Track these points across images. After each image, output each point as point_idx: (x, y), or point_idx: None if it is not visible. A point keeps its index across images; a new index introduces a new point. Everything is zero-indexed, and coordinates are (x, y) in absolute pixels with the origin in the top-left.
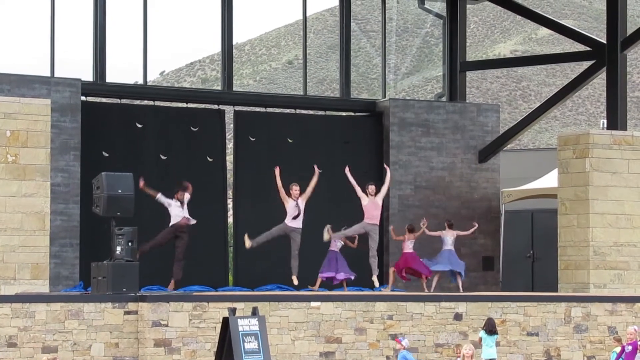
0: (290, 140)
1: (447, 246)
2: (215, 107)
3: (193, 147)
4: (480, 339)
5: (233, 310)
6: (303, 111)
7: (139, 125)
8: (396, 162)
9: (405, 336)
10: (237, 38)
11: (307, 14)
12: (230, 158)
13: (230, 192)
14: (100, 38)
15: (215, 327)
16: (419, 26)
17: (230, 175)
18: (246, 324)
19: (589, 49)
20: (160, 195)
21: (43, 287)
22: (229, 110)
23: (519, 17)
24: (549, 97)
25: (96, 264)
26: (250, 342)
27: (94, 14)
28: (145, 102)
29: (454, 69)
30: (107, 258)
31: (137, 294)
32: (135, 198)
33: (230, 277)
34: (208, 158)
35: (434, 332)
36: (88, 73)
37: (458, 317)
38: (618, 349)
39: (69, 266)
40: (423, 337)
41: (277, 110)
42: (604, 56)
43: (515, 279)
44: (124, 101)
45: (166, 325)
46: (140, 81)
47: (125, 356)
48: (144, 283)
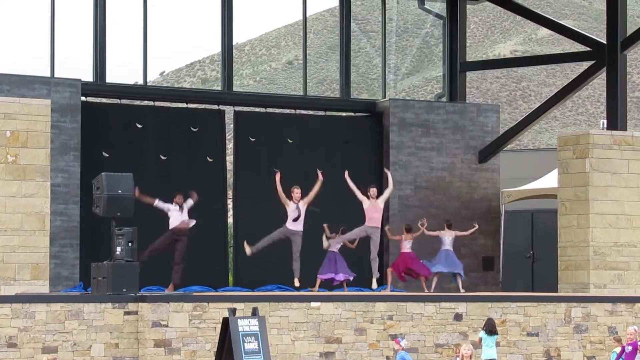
0: (290, 141)
1: (446, 246)
2: (215, 107)
3: (193, 147)
4: (480, 339)
5: (233, 311)
6: (303, 111)
7: (139, 126)
8: (396, 162)
9: (403, 337)
10: (237, 38)
11: (307, 15)
12: (230, 158)
13: (230, 193)
14: (100, 38)
15: (215, 327)
16: (419, 26)
17: (230, 175)
18: (246, 325)
19: (589, 49)
20: (158, 202)
21: (43, 287)
22: (229, 111)
23: (519, 18)
24: (549, 97)
25: (96, 264)
26: (250, 342)
27: (94, 14)
28: (145, 103)
29: (454, 69)
30: (107, 258)
31: (137, 295)
32: (135, 198)
33: (230, 278)
34: (208, 158)
35: (434, 333)
36: (88, 73)
37: (458, 317)
38: (618, 349)
39: (69, 266)
40: (423, 338)
41: (277, 110)
42: (604, 56)
43: (515, 279)
44: (124, 101)
45: (166, 326)
46: (140, 81)
47: (125, 356)
48: (143, 283)
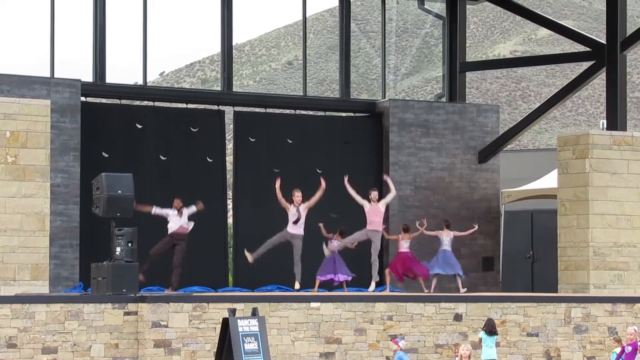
0: (290, 141)
1: (444, 246)
2: (215, 107)
3: (193, 147)
4: (480, 340)
5: (233, 311)
6: (303, 112)
7: (139, 126)
8: (396, 162)
9: (401, 337)
10: (237, 39)
11: (307, 15)
12: (230, 159)
13: (230, 193)
14: (100, 39)
15: (215, 327)
16: (419, 27)
17: (230, 175)
18: (246, 325)
19: (588, 49)
20: (155, 209)
21: (43, 287)
22: (229, 111)
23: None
24: (548, 97)
25: (96, 264)
26: (250, 342)
27: (93, 14)
28: (145, 103)
29: (453, 69)
30: (107, 259)
31: (137, 295)
32: (135, 199)
33: (230, 278)
34: (208, 159)
35: (434, 333)
36: (88, 74)
37: (458, 317)
38: (618, 350)
39: (69, 267)
40: (423, 338)
41: (277, 110)
42: (604, 57)
43: (515, 279)
44: (123, 102)
45: (166, 326)
46: (140, 82)
47: (125, 357)
48: (143, 284)
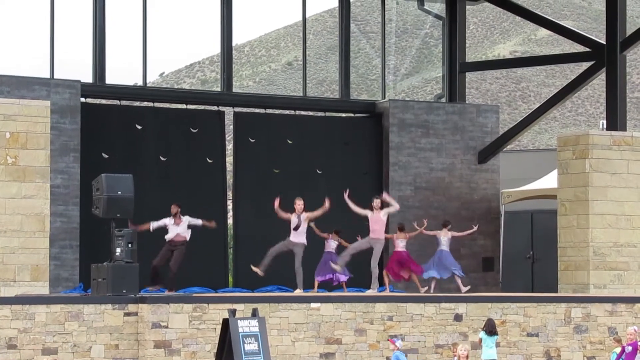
0: (290, 142)
1: (442, 246)
2: (214, 108)
3: (193, 148)
4: (481, 340)
5: (233, 312)
6: (303, 112)
7: (139, 127)
8: (396, 163)
9: (399, 337)
10: (237, 39)
11: (307, 15)
12: (230, 159)
13: (230, 194)
14: (100, 39)
15: (215, 328)
16: (419, 27)
17: (230, 176)
18: (246, 325)
19: (588, 49)
20: (152, 224)
21: (43, 288)
22: (229, 112)
23: (518, 18)
24: (548, 97)
25: (96, 265)
26: (250, 343)
27: (93, 15)
28: (145, 104)
29: (453, 70)
30: (106, 260)
31: (137, 296)
32: (135, 200)
33: (230, 278)
34: (208, 159)
35: (434, 333)
36: (87, 74)
37: (458, 317)
38: (618, 350)
39: (69, 268)
40: (423, 338)
41: (277, 111)
42: (604, 57)
43: (515, 279)
44: (123, 103)
45: (166, 327)
46: (140, 82)
47: (125, 357)
48: (143, 284)
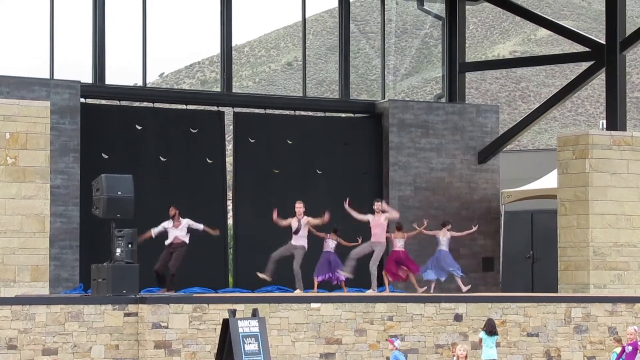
0: (289, 142)
1: (441, 246)
2: (214, 108)
3: (192, 148)
4: (481, 340)
5: (233, 312)
6: (302, 112)
7: (139, 127)
8: (396, 163)
9: (397, 337)
10: (236, 40)
11: (306, 16)
12: (229, 160)
13: (230, 194)
14: (100, 40)
15: (215, 328)
16: (418, 27)
17: (229, 176)
18: (246, 326)
19: (588, 49)
20: (153, 231)
21: (43, 289)
22: (229, 112)
23: (518, 18)
24: (548, 97)
25: (96, 265)
26: (250, 343)
27: (93, 16)
28: (145, 104)
29: (453, 70)
30: (107, 260)
31: (137, 296)
32: (135, 200)
33: (230, 279)
34: (207, 160)
35: (434, 333)
36: (87, 75)
37: (458, 317)
38: (618, 350)
39: (69, 268)
40: (423, 338)
41: (277, 111)
42: (603, 57)
43: (515, 279)
44: (123, 103)
45: (166, 327)
46: (140, 83)
47: (125, 358)
48: (143, 285)
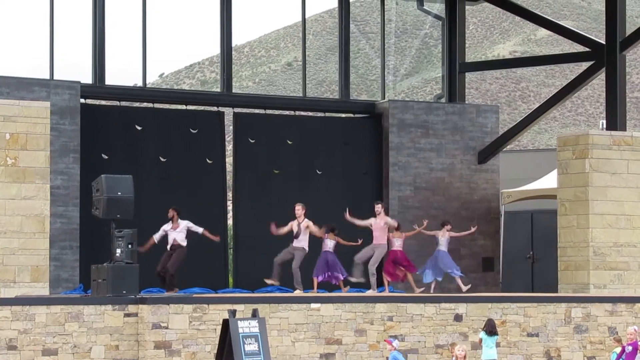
0: (289, 142)
1: (440, 246)
2: (214, 109)
3: (192, 149)
4: (481, 340)
5: (233, 312)
6: (302, 113)
7: (139, 128)
8: (396, 163)
9: (395, 337)
10: (236, 40)
11: (306, 16)
12: (229, 160)
13: (230, 194)
14: (100, 41)
15: (215, 329)
16: (418, 27)
17: (229, 177)
18: (246, 326)
19: (588, 49)
20: (155, 237)
21: (43, 289)
22: (228, 112)
23: (518, 18)
24: (548, 97)
25: (96, 266)
26: (250, 343)
27: (93, 16)
28: (145, 105)
29: (453, 70)
30: (107, 260)
31: (137, 296)
32: (135, 200)
33: (230, 279)
34: (207, 160)
35: (434, 333)
36: (87, 75)
37: (458, 318)
38: (618, 350)
39: (69, 269)
40: (423, 338)
41: (277, 112)
42: (603, 57)
43: (515, 279)
44: (123, 103)
45: (166, 328)
46: (140, 83)
47: (125, 358)
48: (143, 285)
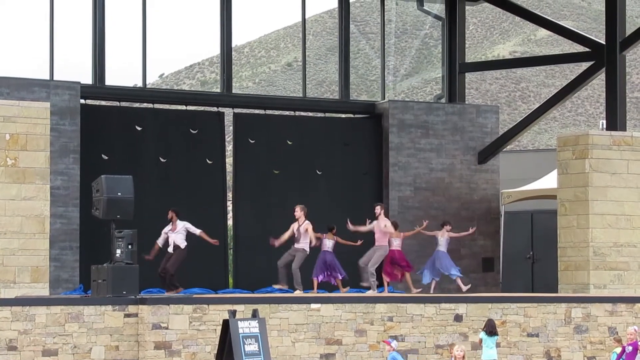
0: (289, 143)
1: (439, 247)
2: (214, 109)
3: (192, 149)
4: (481, 340)
5: (233, 313)
6: (302, 113)
7: (139, 128)
8: (395, 163)
9: (394, 338)
10: (236, 40)
11: (306, 16)
12: (229, 160)
13: (230, 195)
14: (100, 41)
15: (215, 329)
16: (418, 28)
17: (229, 177)
18: (246, 326)
19: (588, 49)
20: (159, 242)
21: (43, 290)
22: (228, 113)
23: (517, 19)
24: (548, 98)
25: (96, 266)
26: (250, 344)
27: (93, 17)
28: (145, 105)
29: (453, 70)
30: (107, 261)
31: (137, 297)
32: (135, 201)
33: (230, 279)
34: (207, 160)
35: (434, 334)
36: (87, 76)
37: (458, 318)
38: (618, 350)
39: (69, 269)
40: (423, 339)
41: (277, 112)
42: (603, 57)
43: (515, 280)
44: (123, 104)
45: (166, 328)
46: (140, 84)
47: (125, 359)
48: (144, 286)
